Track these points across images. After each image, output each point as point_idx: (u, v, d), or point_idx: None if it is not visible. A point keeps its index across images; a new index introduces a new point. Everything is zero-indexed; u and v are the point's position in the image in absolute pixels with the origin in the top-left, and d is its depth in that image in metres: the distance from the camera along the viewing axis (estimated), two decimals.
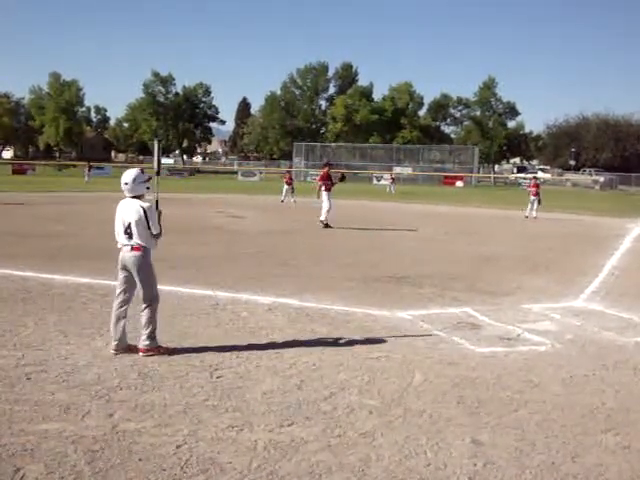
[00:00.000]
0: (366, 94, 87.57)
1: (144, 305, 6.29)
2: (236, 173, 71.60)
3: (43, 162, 75.30)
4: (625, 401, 5.48)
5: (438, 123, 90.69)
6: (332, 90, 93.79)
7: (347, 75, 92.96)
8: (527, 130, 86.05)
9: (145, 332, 6.24)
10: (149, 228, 6.28)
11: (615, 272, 12.52)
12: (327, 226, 18.92)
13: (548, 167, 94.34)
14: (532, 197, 25.77)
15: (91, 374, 5.62)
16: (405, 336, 7.19)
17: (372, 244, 15.86)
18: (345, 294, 9.42)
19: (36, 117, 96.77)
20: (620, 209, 33.42)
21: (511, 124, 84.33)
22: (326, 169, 20.94)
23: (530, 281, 11.12)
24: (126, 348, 6.29)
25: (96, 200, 28.08)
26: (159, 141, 6.74)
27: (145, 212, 6.23)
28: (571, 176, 77.57)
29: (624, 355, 6.83)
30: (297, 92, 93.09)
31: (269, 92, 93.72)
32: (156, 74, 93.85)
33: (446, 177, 67.55)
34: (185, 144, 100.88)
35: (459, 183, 65.62)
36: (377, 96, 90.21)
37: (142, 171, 6.59)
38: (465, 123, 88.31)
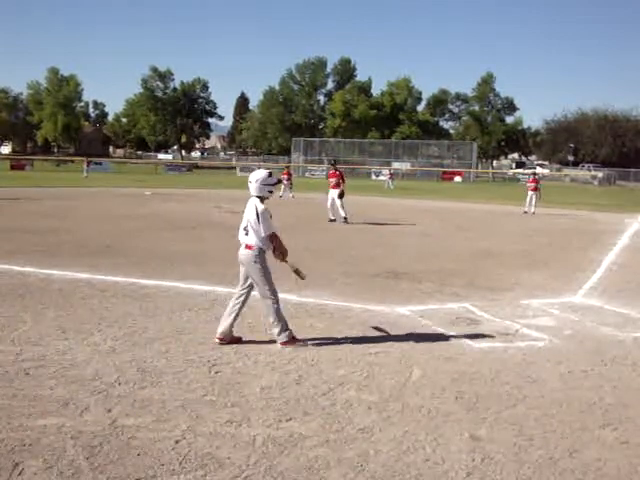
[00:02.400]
0: (364, 89, 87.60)
1: (264, 303, 6.48)
2: (234, 168, 71.56)
3: (41, 157, 75.28)
4: (623, 396, 5.48)
5: (436, 118, 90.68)
6: (330, 85, 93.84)
7: (345, 70, 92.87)
8: (525, 126, 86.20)
9: (276, 329, 6.42)
10: (262, 230, 6.36)
11: (613, 267, 12.53)
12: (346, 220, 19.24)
13: (547, 163, 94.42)
14: (530, 192, 25.79)
15: (90, 369, 5.62)
16: (404, 332, 7.19)
17: (370, 240, 15.86)
18: (344, 290, 9.42)
19: (34, 112, 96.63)
20: (618, 205, 33.46)
21: (509, 119, 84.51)
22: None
23: (529, 276, 11.12)
24: (231, 339, 6.53)
25: (95, 195, 28.08)
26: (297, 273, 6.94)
27: (257, 214, 6.35)
28: (570, 172, 77.61)
29: (622, 350, 6.83)
30: (295, 87, 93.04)
31: (267, 87, 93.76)
32: (154, 69, 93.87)
33: (444, 172, 67.61)
34: (183, 139, 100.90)
35: (457, 178, 65.69)
36: (375, 91, 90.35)
37: (270, 174, 6.69)
38: (463, 118, 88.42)
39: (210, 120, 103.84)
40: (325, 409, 4.95)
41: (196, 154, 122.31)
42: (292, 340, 6.48)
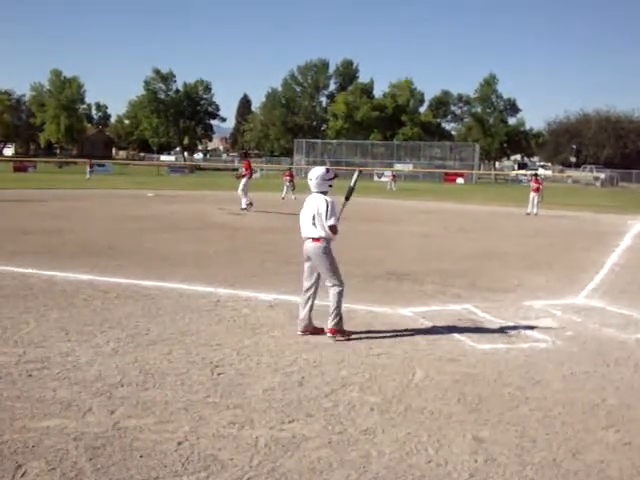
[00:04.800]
0: (367, 91, 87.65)
1: (330, 291, 6.83)
2: (237, 170, 71.54)
3: (44, 159, 75.39)
4: (626, 398, 5.48)
5: (439, 120, 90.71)
6: (333, 87, 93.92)
7: (348, 72, 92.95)
8: (528, 127, 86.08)
9: (331, 315, 6.76)
10: (327, 218, 6.70)
11: (616, 269, 12.51)
12: None
13: (549, 164, 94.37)
14: (532, 193, 25.78)
15: (92, 371, 5.63)
16: (406, 333, 7.19)
17: (373, 241, 15.86)
18: (346, 291, 9.38)
19: (37, 114, 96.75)
20: (621, 206, 33.42)
21: (512, 121, 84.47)
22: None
23: (531, 278, 11.11)
24: (312, 330, 6.91)
25: (97, 197, 28.10)
26: (360, 171, 7.16)
27: (327, 204, 6.71)
28: (572, 173, 77.56)
29: (625, 352, 6.82)
30: (298, 89, 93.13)
31: (270, 89, 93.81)
32: (157, 71, 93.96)
33: (447, 174, 67.57)
34: (186, 141, 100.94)
35: (460, 180, 65.66)
36: (378, 93, 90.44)
37: (328, 170, 7.14)
38: (466, 120, 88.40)
39: (212, 122, 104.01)
40: (328, 410, 4.95)
41: (198, 156, 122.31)
42: (341, 331, 6.81)
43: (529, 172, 54.35)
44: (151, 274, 10.08)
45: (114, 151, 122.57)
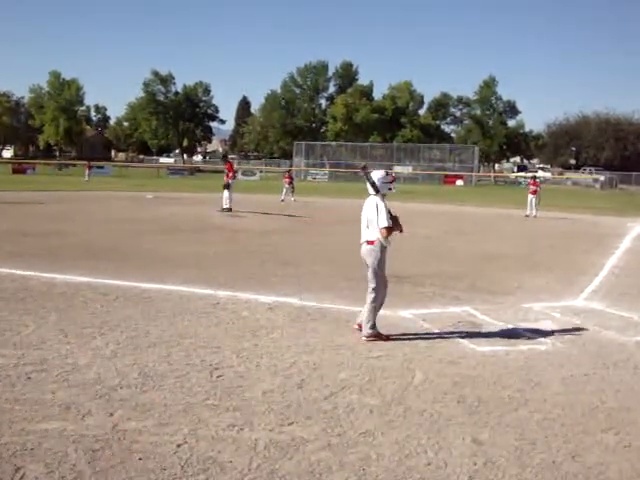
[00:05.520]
0: (366, 93, 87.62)
1: (370, 294, 6.93)
2: (236, 172, 71.51)
3: (43, 161, 75.39)
4: (625, 400, 5.47)
5: (438, 122, 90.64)
6: (332, 89, 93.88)
7: (347, 74, 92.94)
8: (527, 129, 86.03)
9: (366, 319, 6.90)
10: (379, 221, 6.82)
11: (615, 271, 12.51)
12: None
13: (548, 166, 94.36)
14: (530, 196, 25.81)
15: (91, 373, 5.62)
16: (406, 335, 7.19)
17: None
18: (346, 293, 9.41)
19: (36, 116, 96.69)
20: (620, 208, 33.43)
21: (511, 123, 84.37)
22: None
23: (531, 280, 11.11)
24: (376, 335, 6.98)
25: (96, 199, 28.10)
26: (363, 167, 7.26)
27: (377, 208, 6.83)
28: (571, 175, 77.58)
29: (624, 354, 6.82)
30: (297, 91, 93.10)
31: (269, 91, 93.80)
32: (156, 73, 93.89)
33: (446, 176, 67.53)
34: (185, 143, 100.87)
35: (459, 182, 65.63)
36: (377, 95, 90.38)
37: (387, 173, 7.31)
38: (465, 122, 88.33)
39: (212, 124, 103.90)
40: (327, 413, 4.94)
41: (198, 158, 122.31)
42: (377, 335, 6.90)
43: (529, 174, 54.39)
44: (150, 276, 10.08)
45: (113, 153, 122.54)
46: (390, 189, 7.16)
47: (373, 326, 6.92)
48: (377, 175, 7.08)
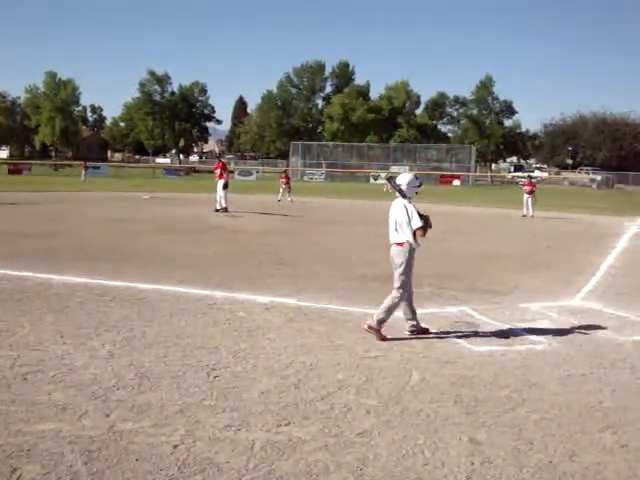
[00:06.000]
0: (363, 93, 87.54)
1: (393, 292, 7.00)
2: (233, 172, 71.56)
3: (39, 162, 75.20)
4: (622, 400, 5.48)
5: (435, 122, 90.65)
6: (329, 89, 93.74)
7: (344, 74, 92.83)
8: (524, 129, 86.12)
9: (379, 311, 6.97)
10: (410, 223, 6.91)
11: (612, 271, 12.53)
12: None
13: (545, 166, 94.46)
14: (526, 196, 25.84)
15: (88, 374, 5.61)
16: (402, 335, 7.18)
17: (370, 243, 15.84)
18: (343, 293, 9.41)
19: (32, 116, 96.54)
20: (617, 208, 33.50)
21: (508, 123, 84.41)
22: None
23: (528, 280, 11.12)
24: (420, 330, 7.18)
25: (93, 199, 28.06)
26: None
27: (407, 210, 6.93)
28: (568, 175, 77.68)
29: (621, 354, 6.83)
30: (294, 91, 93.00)
31: (266, 91, 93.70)
32: (152, 73, 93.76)
33: (443, 176, 67.56)
34: (182, 143, 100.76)
35: (456, 182, 65.66)
36: (374, 95, 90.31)
37: (416, 177, 7.36)
38: (462, 122, 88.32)
39: (208, 124, 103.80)
40: (324, 413, 4.94)
41: (194, 158, 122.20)
42: (378, 331, 6.96)
43: (525, 174, 54.43)
44: (147, 277, 10.06)
45: (109, 153, 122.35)
46: (417, 193, 7.24)
47: (381, 322, 6.96)
48: (405, 179, 7.17)
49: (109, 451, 4.18)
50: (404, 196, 7.06)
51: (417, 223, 6.90)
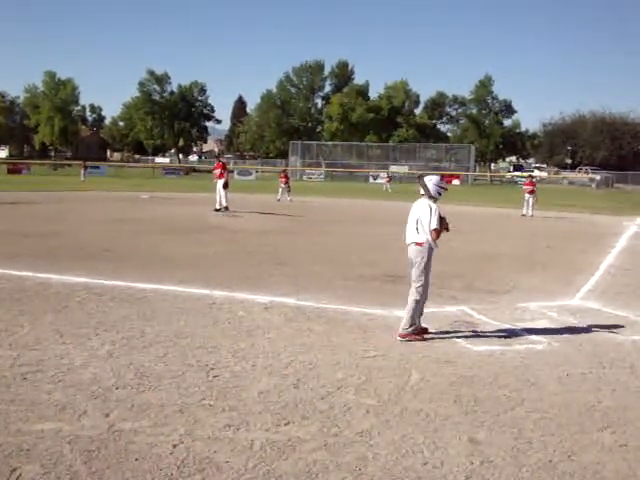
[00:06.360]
0: (362, 92, 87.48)
1: (412, 292, 7.11)
2: (232, 172, 71.50)
3: (38, 161, 75.17)
4: (622, 399, 5.48)
5: (434, 121, 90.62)
6: (328, 88, 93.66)
7: (343, 73, 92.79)
8: (523, 128, 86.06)
9: (405, 319, 7.01)
10: (430, 224, 7.00)
11: (611, 270, 12.53)
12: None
13: (544, 165, 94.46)
14: (527, 195, 25.81)
15: (87, 374, 5.61)
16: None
17: (369, 243, 15.85)
18: (342, 293, 9.41)
19: (31, 116, 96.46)
20: (616, 207, 33.51)
21: (507, 122, 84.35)
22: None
23: (527, 279, 11.12)
24: (420, 330, 7.14)
25: (92, 199, 28.04)
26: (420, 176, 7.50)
27: (431, 210, 7.03)
28: (567, 174, 77.70)
29: (621, 353, 6.83)
30: (293, 90, 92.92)
31: (265, 91, 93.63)
32: (151, 73, 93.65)
33: (442, 176, 67.46)
34: (181, 143, 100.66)
35: (455, 182, 65.61)
36: (373, 94, 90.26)
37: (442, 178, 7.59)
38: (461, 121, 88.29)
39: (208, 124, 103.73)
40: (323, 413, 4.94)
41: (194, 158, 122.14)
42: (413, 335, 6.98)
43: (525, 174, 54.42)
44: (146, 276, 10.06)
45: (109, 153, 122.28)
46: (440, 194, 7.32)
47: (412, 324, 7.00)
48: (433, 179, 7.29)
49: (109, 451, 4.18)
50: (430, 196, 7.16)
51: (434, 224, 7.00)
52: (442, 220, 7.11)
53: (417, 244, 7.12)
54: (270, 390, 5.38)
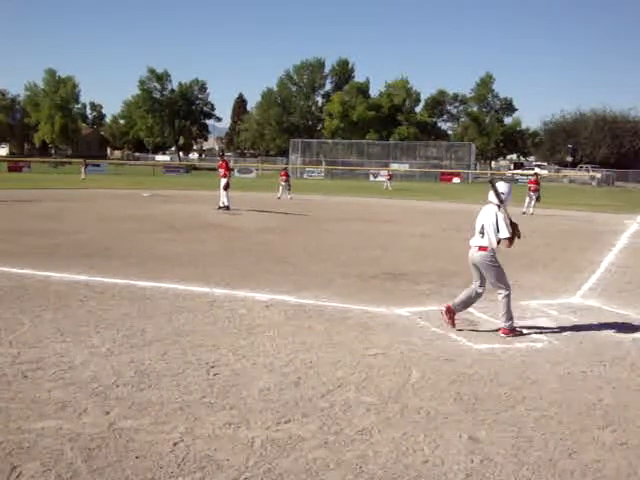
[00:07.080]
0: (363, 90, 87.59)
1: (498, 297, 7.29)
2: (233, 170, 71.40)
3: (39, 159, 75.13)
4: (622, 397, 5.48)
5: (435, 119, 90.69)
6: (328, 86, 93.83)
7: (343, 71, 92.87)
8: (524, 126, 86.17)
9: (502, 317, 7.21)
10: (498, 231, 7.15)
11: (612, 268, 12.52)
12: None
13: (545, 163, 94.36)
14: (531, 193, 25.74)
15: (88, 372, 5.61)
16: (402, 333, 7.18)
17: (369, 241, 15.85)
18: (342, 291, 9.41)
19: (32, 114, 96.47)
20: (617, 205, 33.49)
21: (508, 120, 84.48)
22: None
23: (527, 277, 11.12)
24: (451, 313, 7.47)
25: (93, 197, 28.03)
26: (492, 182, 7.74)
27: (497, 218, 7.18)
28: (568, 172, 77.65)
29: (621, 351, 6.83)
30: (293, 88, 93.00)
31: (265, 89, 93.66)
32: (152, 71, 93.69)
33: (443, 174, 67.57)
34: (181, 141, 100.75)
35: (456, 179, 65.68)
36: (374, 92, 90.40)
37: (510, 187, 7.64)
38: (462, 119, 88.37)
39: (208, 122, 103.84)
40: (324, 411, 4.94)
41: (194, 156, 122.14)
42: (512, 331, 7.18)
43: (530, 172, 54.32)
44: (147, 274, 10.06)
45: (109, 151, 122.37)
46: (507, 200, 7.46)
47: (510, 318, 7.18)
48: (506, 187, 7.47)
49: (109, 449, 4.18)
50: (501, 202, 7.25)
51: (505, 233, 7.09)
52: (515, 227, 7.20)
53: (480, 248, 7.24)
54: (270, 388, 5.38)
